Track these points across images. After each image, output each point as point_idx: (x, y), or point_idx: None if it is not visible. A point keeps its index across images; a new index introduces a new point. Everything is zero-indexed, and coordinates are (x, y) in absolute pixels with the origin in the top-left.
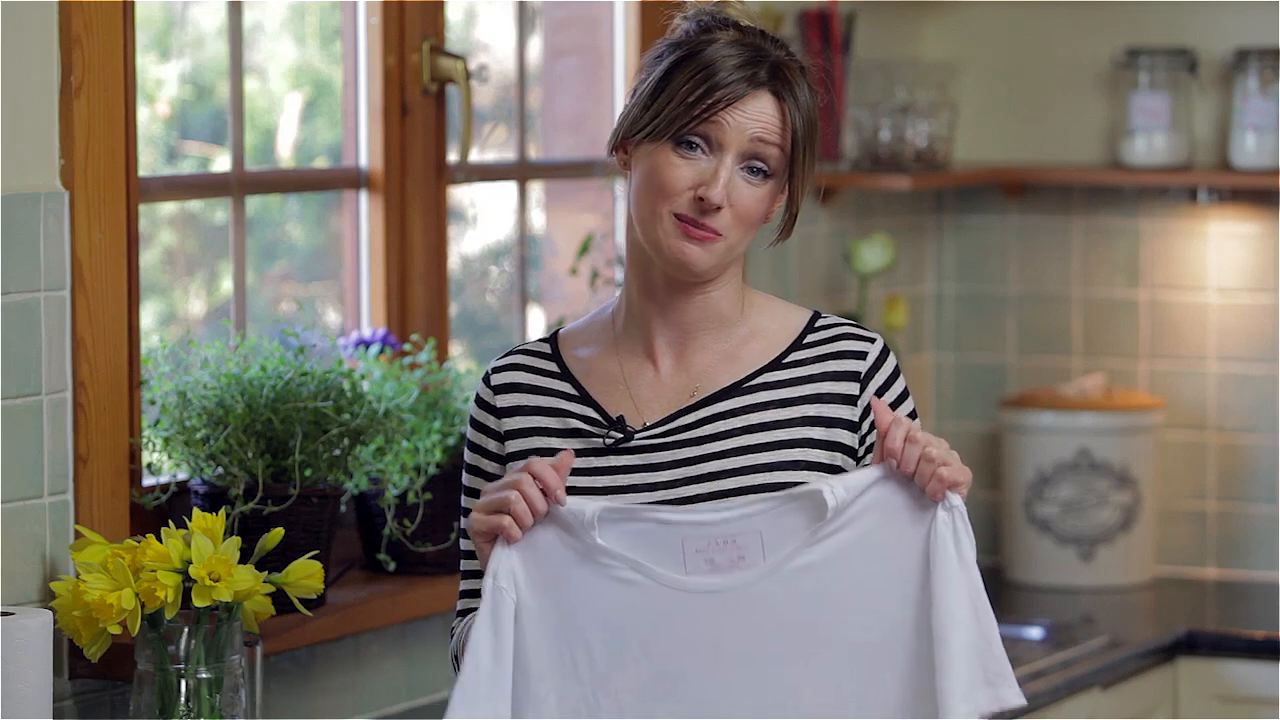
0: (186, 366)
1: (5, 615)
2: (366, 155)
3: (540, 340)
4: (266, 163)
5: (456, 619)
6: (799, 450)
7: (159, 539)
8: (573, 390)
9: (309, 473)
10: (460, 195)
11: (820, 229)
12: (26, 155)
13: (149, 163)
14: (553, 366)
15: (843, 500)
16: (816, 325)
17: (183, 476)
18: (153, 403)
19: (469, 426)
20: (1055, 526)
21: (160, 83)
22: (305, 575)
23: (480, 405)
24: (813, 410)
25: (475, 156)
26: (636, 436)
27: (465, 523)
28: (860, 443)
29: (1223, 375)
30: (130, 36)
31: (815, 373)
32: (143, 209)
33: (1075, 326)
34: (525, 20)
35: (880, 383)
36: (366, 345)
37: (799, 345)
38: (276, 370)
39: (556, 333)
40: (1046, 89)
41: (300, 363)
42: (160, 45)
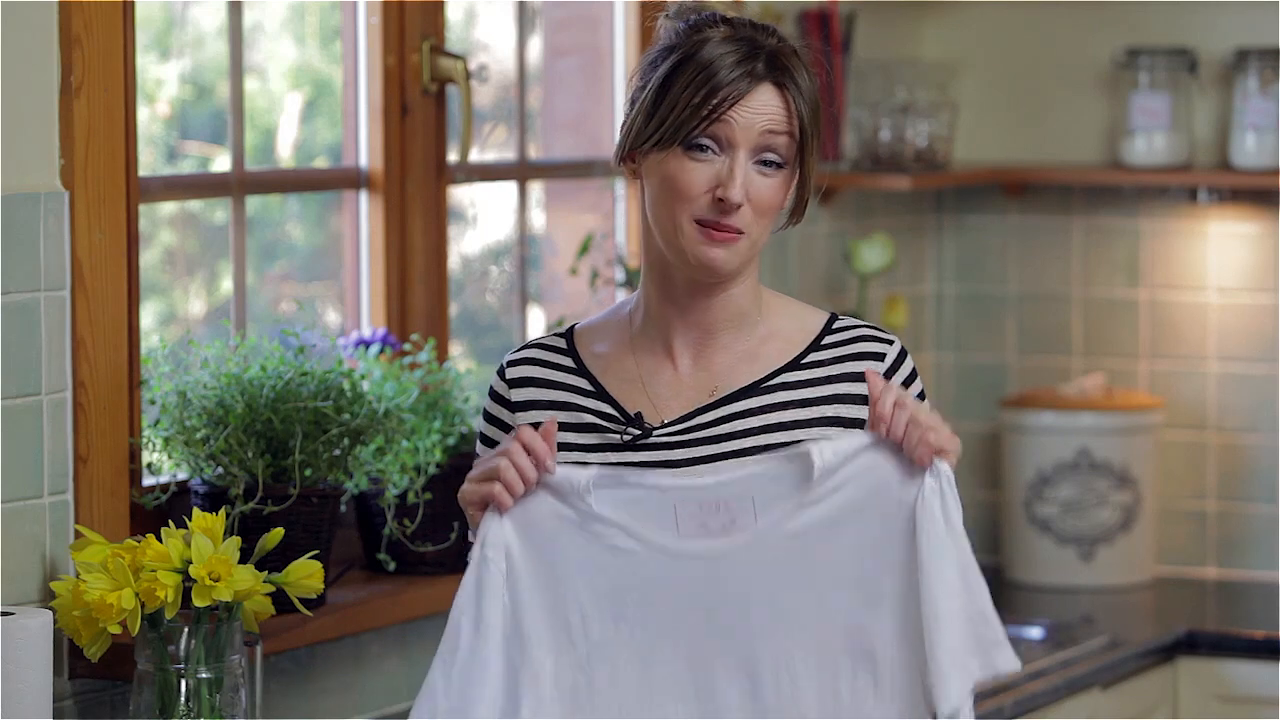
0: (186, 366)
1: (5, 615)
2: (366, 155)
3: (556, 335)
4: (266, 163)
5: None
6: None
7: (159, 539)
8: (589, 386)
9: (309, 473)
10: (460, 195)
11: (820, 229)
12: (26, 155)
13: (149, 163)
14: (568, 361)
15: (830, 463)
16: (835, 326)
17: (183, 476)
18: (153, 403)
19: (483, 419)
20: (1055, 526)
21: (160, 83)
22: (305, 575)
23: (494, 399)
24: (831, 411)
25: (475, 156)
26: (655, 434)
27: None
28: None
29: (1223, 375)
30: (130, 36)
31: (834, 373)
32: (143, 209)
33: (1075, 326)
34: (525, 20)
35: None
36: (366, 345)
37: (817, 346)
38: (276, 370)
39: (573, 327)
40: (1046, 89)
41: (300, 363)
42: (160, 45)
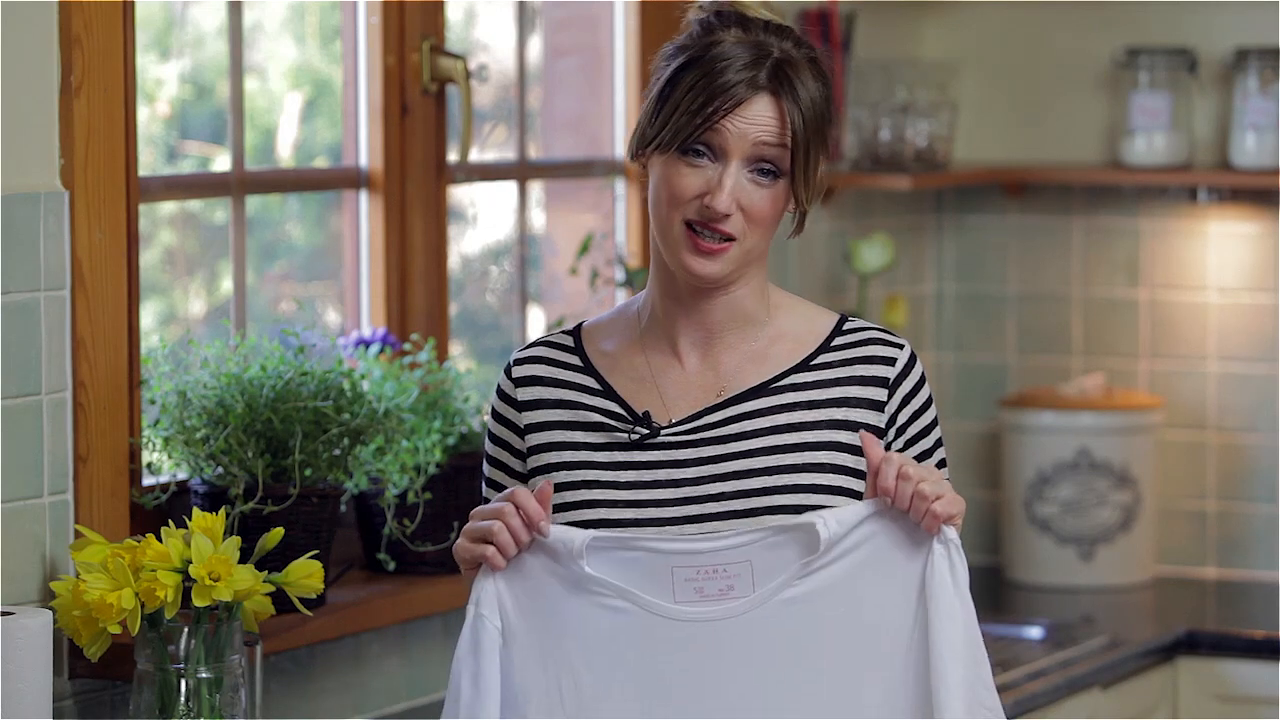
0: (186, 366)
1: (5, 615)
2: (366, 155)
3: (564, 332)
4: (266, 162)
5: None
6: (826, 452)
7: (159, 539)
8: (596, 384)
9: (309, 472)
10: (460, 195)
11: (820, 229)
12: (26, 155)
13: (149, 162)
14: (575, 360)
15: (836, 534)
16: (844, 328)
17: (183, 476)
18: (153, 402)
19: (490, 417)
20: (1055, 526)
21: (160, 82)
22: (305, 575)
23: (501, 397)
24: (840, 414)
25: (475, 156)
26: (662, 433)
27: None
28: (886, 448)
29: (1223, 375)
30: (130, 36)
31: (843, 376)
32: (143, 209)
33: (1075, 326)
34: (525, 20)
35: (908, 390)
36: (366, 345)
37: (826, 348)
38: (276, 370)
39: (580, 325)
40: (1046, 89)
41: (300, 362)
42: (160, 45)
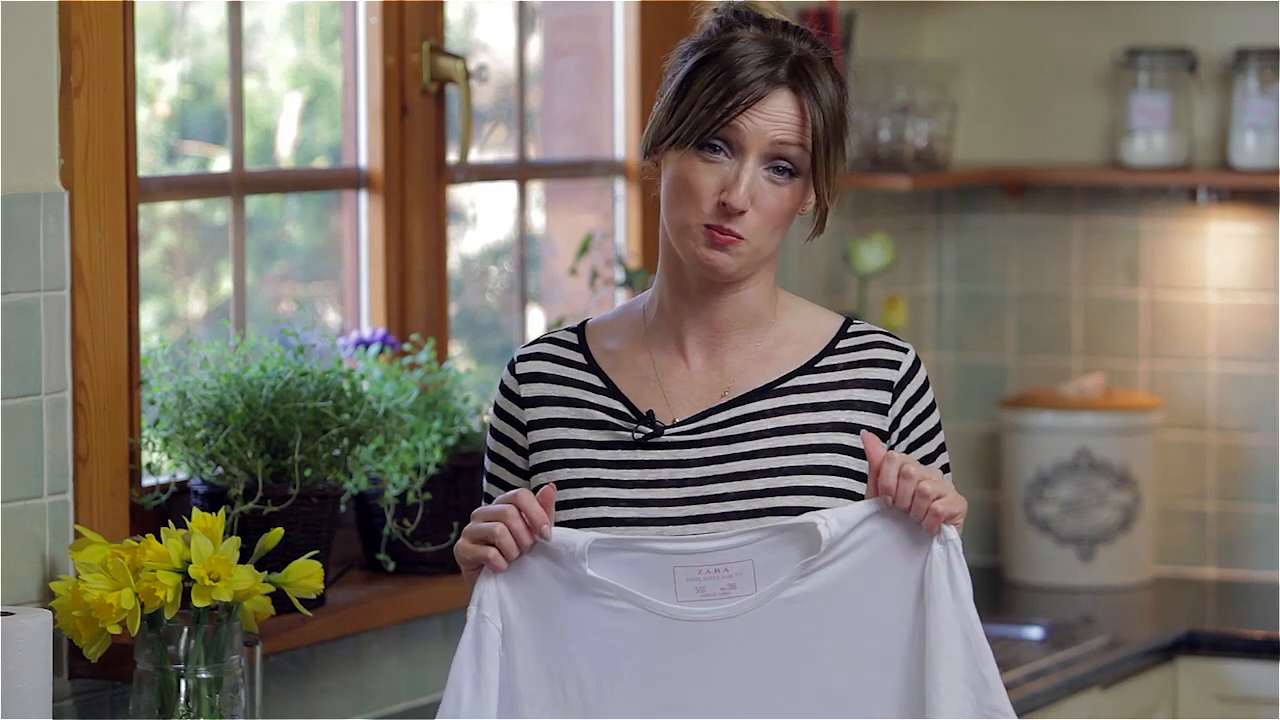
0: (186, 366)
1: (5, 615)
2: (366, 155)
3: (568, 330)
4: (266, 163)
5: None
6: (829, 455)
7: (159, 539)
8: (599, 383)
9: (309, 473)
10: (460, 195)
11: None
12: (26, 155)
13: (149, 163)
14: (579, 357)
15: (836, 533)
16: (849, 331)
17: (182, 476)
18: (152, 403)
19: (493, 414)
20: (1055, 526)
21: (160, 83)
22: (305, 575)
23: (504, 394)
24: (844, 416)
25: (475, 156)
26: (666, 433)
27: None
28: None
29: (1222, 375)
30: (130, 36)
31: (848, 379)
32: (142, 209)
33: (1075, 326)
34: (525, 20)
35: (911, 393)
36: (366, 345)
37: (831, 350)
38: (276, 370)
39: (585, 323)
40: (1046, 89)
41: (300, 363)
42: (160, 45)
